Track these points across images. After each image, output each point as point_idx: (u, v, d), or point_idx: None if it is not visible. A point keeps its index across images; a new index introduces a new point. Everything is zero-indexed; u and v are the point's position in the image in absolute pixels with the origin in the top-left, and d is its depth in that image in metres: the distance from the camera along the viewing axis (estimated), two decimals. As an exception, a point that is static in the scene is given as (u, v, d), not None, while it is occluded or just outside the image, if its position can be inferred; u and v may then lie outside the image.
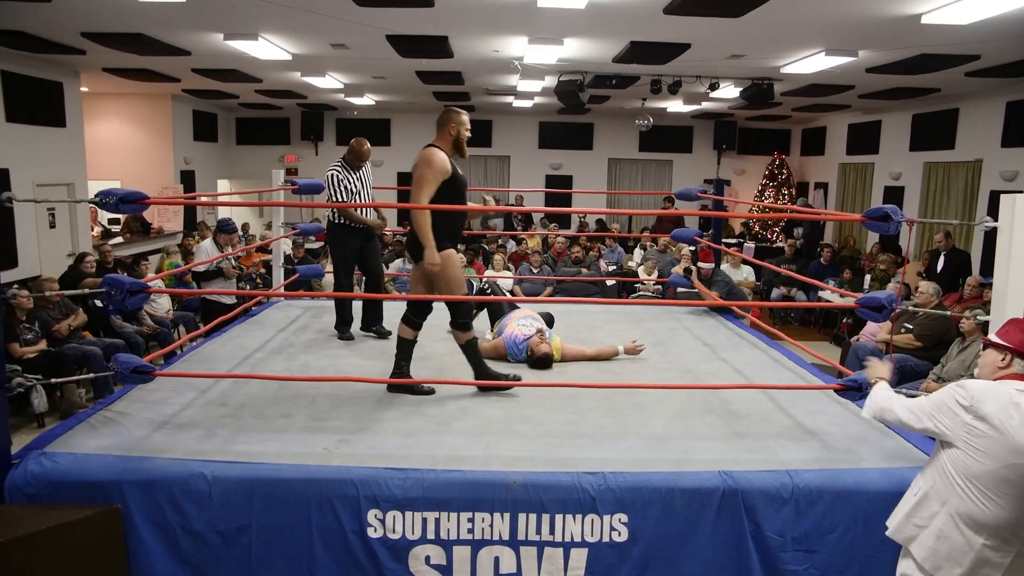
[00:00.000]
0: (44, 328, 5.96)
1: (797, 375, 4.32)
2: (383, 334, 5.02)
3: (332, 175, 4.90)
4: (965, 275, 8.42)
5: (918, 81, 8.61)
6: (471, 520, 2.82)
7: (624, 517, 2.82)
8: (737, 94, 9.74)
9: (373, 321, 5.09)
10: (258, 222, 15.09)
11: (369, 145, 5.03)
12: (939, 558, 2.24)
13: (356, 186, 4.98)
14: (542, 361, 4.32)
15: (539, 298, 7.60)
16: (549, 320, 4.95)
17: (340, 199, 4.84)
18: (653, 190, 15.16)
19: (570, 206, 14.95)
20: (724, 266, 8.54)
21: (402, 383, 3.76)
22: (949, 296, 7.51)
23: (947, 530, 2.23)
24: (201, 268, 6.54)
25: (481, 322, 5.14)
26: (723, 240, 9.51)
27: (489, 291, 5.15)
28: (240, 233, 10.88)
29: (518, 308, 4.91)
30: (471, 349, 3.91)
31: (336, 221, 4.95)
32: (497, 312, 4.95)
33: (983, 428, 2.15)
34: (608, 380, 4.17)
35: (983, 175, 9.51)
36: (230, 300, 6.68)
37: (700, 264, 6.36)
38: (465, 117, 3.81)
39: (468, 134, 3.85)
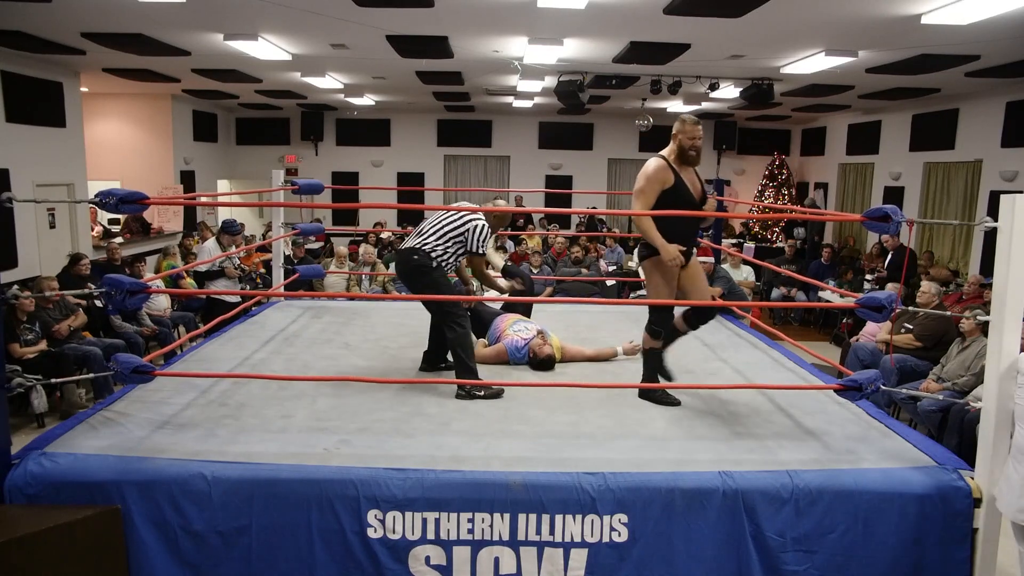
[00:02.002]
0: (44, 328, 5.96)
1: (797, 375, 4.32)
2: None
3: (485, 228, 4.05)
4: (910, 272, 8.45)
5: (918, 81, 8.61)
6: (471, 520, 2.82)
7: (624, 517, 2.82)
8: (737, 94, 9.74)
9: (443, 357, 4.36)
10: (257, 222, 15.09)
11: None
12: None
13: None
14: (545, 363, 4.33)
15: (539, 298, 7.60)
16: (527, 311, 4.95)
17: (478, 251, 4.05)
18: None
19: (570, 206, 14.96)
20: (724, 265, 8.53)
21: (653, 387, 3.80)
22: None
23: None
24: (203, 268, 6.54)
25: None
26: (723, 240, 9.50)
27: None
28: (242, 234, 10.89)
29: (502, 315, 4.82)
30: (650, 356, 3.88)
31: (443, 263, 4.01)
32: (479, 323, 4.78)
33: None
34: (608, 380, 4.17)
35: (983, 175, 9.51)
36: (234, 299, 6.67)
37: (699, 259, 6.31)
38: (689, 127, 3.66)
39: (692, 142, 3.66)
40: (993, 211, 2.97)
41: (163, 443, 3.07)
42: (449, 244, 4.01)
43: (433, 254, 3.98)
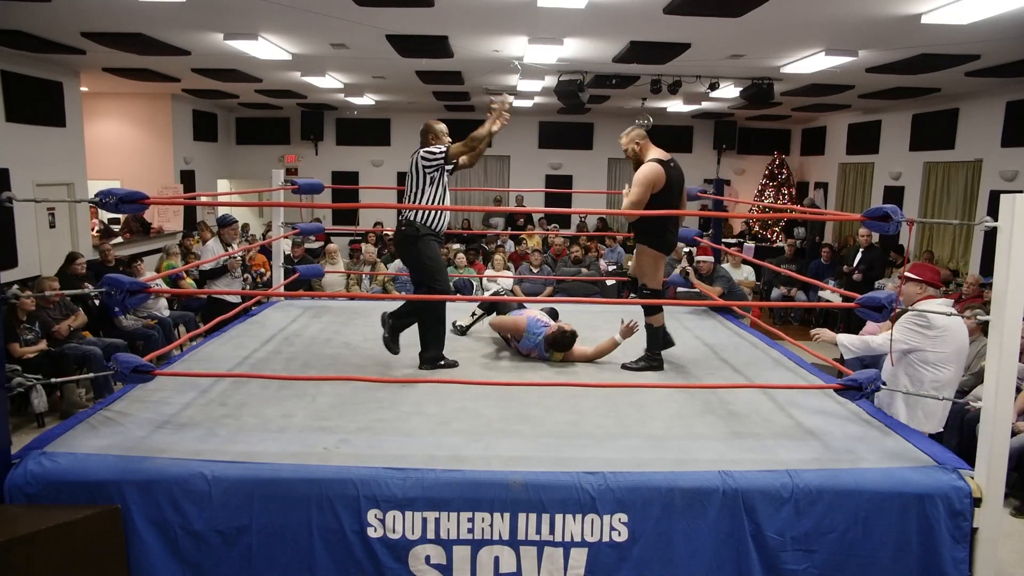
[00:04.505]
0: (44, 328, 5.96)
1: (797, 375, 4.32)
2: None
3: (437, 163, 4.05)
4: (879, 271, 8.37)
5: (918, 81, 8.61)
6: (471, 520, 2.82)
7: (624, 517, 2.82)
8: (737, 94, 9.75)
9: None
10: (258, 222, 15.10)
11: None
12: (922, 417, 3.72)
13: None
14: (565, 339, 4.38)
15: (539, 298, 7.60)
16: (553, 315, 4.97)
17: (437, 195, 4.06)
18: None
19: (570, 206, 14.96)
20: (724, 265, 8.54)
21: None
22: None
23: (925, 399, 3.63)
24: (208, 266, 6.52)
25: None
26: (723, 240, 9.51)
27: (504, 293, 5.17)
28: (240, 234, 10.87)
29: (526, 307, 4.96)
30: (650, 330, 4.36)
31: (428, 223, 4.08)
32: (505, 311, 5.01)
33: (941, 331, 3.62)
34: (608, 380, 4.17)
35: (983, 175, 9.51)
36: (235, 298, 6.65)
37: (699, 258, 6.32)
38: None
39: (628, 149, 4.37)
40: (993, 211, 2.97)
41: (163, 443, 3.07)
42: (424, 187, 4.08)
43: (418, 217, 4.08)
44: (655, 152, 4.28)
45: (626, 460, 2.98)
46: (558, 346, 4.40)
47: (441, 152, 4.10)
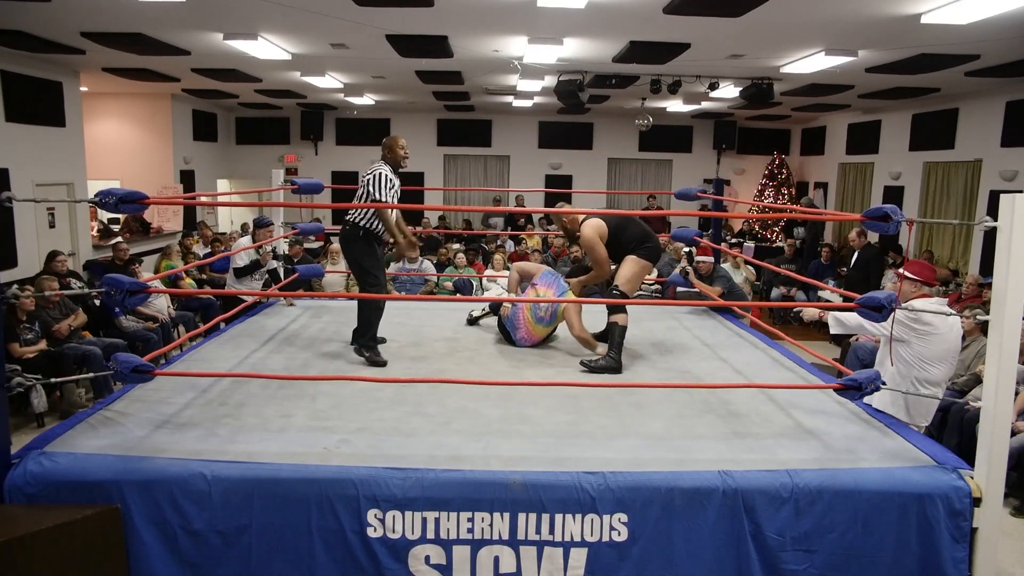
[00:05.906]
0: (44, 328, 5.96)
1: (797, 375, 4.32)
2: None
3: (382, 175, 4.34)
4: (877, 270, 8.37)
5: (918, 81, 8.61)
6: (471, 520, 2.82)
7: (624, 517, 2.82)
8: (737, 94, 9.74)
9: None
10: (258, 222, 15.09)
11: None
12: (913, 409, 3.69)
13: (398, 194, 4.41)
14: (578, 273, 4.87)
15: (540, 298, 7.58)
16: None
17: (384, 202, 4.26)
18: (653, 190, 15.17)
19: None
20: (725, 265, 8.53)
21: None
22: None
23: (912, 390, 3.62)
24: (241, 263, 6.48)
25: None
26: (723, 240, 9.50)
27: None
28: (239, 232, 10.85)
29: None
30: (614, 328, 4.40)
31: (368, 226, 4.36)
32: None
33: (931, 329, 3.58)
34: (608, 380, 4.17)
35: (983, 175, 9.51)
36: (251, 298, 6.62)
37: (699, 258, 6.32)
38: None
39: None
40: (993, 211, 2.97)
41: (163, 442, 3.07)
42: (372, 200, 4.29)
43: (361, 222, 4.35)
44: (578, 215, 4.62)
45: (626, 460, 2.98)
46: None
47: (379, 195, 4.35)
